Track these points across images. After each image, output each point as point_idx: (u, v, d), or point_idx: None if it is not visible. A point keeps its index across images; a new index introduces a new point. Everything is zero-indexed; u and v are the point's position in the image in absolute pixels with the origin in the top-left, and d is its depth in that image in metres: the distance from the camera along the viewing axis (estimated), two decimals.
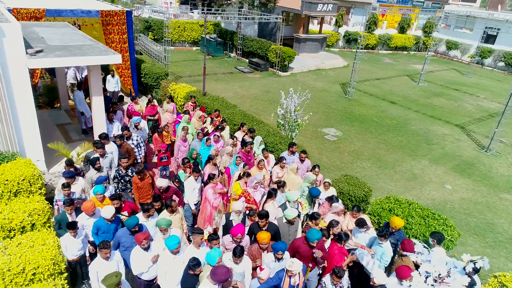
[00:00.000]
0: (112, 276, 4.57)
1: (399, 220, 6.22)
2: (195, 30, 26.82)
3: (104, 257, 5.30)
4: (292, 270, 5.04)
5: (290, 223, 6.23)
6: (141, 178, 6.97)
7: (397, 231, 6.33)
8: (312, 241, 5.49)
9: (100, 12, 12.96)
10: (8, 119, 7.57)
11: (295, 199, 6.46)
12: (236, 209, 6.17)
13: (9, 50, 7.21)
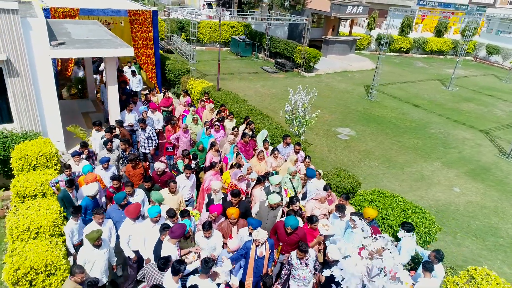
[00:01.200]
0: (94, 232, 5.25)
1: (372, 211, 6.42)
2: (226, 31, 27.71)
3: (97, 222, 5.96)
4: (258, 239, 5.47)
5: (271, 208, 6.57)
6: (133, 167, 7.53)
7: (371, 221, 6.51)
8: (287, 226, 5.86)
9: (128, 11, 14.03)
10: (33, 102, 8.60)
11: (276, 182, 6.85)
12: (213, 187, 6.70)
13: (35, 41, 8.23)
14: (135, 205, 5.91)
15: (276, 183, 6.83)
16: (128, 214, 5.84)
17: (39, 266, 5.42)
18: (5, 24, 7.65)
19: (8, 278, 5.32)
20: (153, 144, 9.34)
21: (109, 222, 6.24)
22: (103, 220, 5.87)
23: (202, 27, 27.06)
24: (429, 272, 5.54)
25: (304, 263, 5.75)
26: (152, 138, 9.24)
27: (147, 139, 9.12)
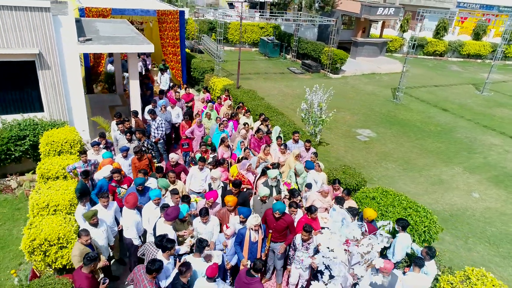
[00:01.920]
0: (89, 211, 5.76)
1: (371, 211, 6.47)
2: (255, 32, 28.14)
3: (103, 204, 6.44)
4: (257, 224, 5.75)
5: (262, 201, 6.74)
6: (139, 159, 7.90)
7: (370, 222, 6.53)
8: (274, 210, 6.10)
9: (156, 11, 14.73)
10: (61, 93, 9.34)
11: (273, 176, 7.08)
12: (212, 175, 7.04)
13: (64, 37, 8.96)
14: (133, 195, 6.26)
15: (273, 176, 7.05)
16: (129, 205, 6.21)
17: (52, 239, 5.98)
18: (38, 20, 8.41)
19: (25, 247, 5.91)
20: (161, 132, 9.65)
21: (114, 205, 6.67)
22: (108, 203, 6.33)
23: (232, 28, 27.65)
24: (418, 267, 5.57)
25: (306, 247, 5.95)
26: (162, 127, 9.59)
27: (156, 129, 9.56)
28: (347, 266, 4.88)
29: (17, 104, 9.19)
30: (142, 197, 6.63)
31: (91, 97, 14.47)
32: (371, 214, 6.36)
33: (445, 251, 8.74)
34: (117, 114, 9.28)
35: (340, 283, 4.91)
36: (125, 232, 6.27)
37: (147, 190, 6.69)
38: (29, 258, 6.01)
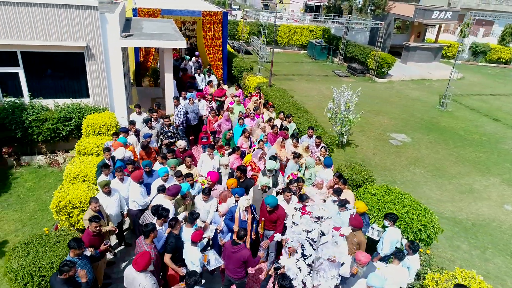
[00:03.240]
0: (103, 181, 6.61)
1: (361, 204, 6.60)
2: (304, 35, 28.41)
3: (118, 178, 7.27)
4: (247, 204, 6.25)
5: (263, 191, 7.11)
6: (146, 152, 8.57)
7: (361, 215, 6.65)
8: (266, 203, 6.49)
9: (202, 12, 15.76)
10: (105, 82, 10.54)
11: (270, 168, 7.46)
12: (222, 162, 7.58)
13: (109, 32, 10.13)
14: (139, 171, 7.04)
15: (270, 168, 7.42)
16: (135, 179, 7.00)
17: (75, 202, 6.95)
18: (87, 17, 9.64)
19: (53, 207, 6.95)
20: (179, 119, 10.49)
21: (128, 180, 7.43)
22: (122, 177, 7.16)
23: (282, 30, 28.18)
24: (398, 260, 5.65)
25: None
26: (180, 114, 10.49)
27: (177, 115, 10.48)
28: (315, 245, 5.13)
29: (68, 90, 10.55)
30: (150, 177, 7.38)
31: (138, 89, 15.88)
32: (360, 206, 6.50)
33: (457, 258, 8.49)
34: (136, 106, 10.21)
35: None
36: (130, 204, 7.05)
37: (154, 172, 7.45)
38: (56, 216, 7.04)
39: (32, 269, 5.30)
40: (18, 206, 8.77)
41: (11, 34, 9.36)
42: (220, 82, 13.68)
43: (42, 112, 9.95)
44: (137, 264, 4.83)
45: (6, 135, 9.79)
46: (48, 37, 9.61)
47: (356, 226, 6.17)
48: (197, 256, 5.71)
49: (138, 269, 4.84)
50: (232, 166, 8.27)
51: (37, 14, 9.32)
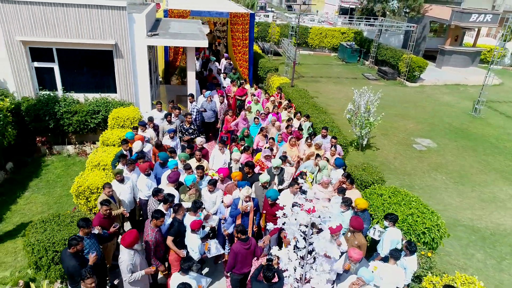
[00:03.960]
0: (116, 169, 7.06)
1: (361, 200, 6.60)
2: (335, 37, 28.21)
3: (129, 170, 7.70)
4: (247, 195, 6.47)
5: (263, 187, 7.25)
6: (159, 150, 8.74)
7: (362, 212, 6.67)
8: (267, 197, 6.66)
9: (229, 13, 16.16)
10: (131, 79, 11.14)
11: (275, 165, 7.63)
12: (234, 157, 7.84)
13: (136, 31, 10.71)
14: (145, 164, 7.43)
15: (275, 165, 7.60)
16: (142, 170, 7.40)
17: (93, 187, 7.47)
18: (116, 17, 10.27)
19: (73, 191, 7.51)
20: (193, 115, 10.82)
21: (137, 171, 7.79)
22: (134, 168, 7.57)
23: (313, 32, 28.16)
24: (393, 259, 5.63)
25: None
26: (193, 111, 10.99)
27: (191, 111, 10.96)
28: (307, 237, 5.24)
29: (97, 85, 11.25)
30: (165, 169, 7.76)
31: (167, 87, 16.54)
32: (360, 203, 6.52)
33: (469, 266, 8.24)
34: (158, 102, 10.66)
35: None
36: (140, 194, 7.46)
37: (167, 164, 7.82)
38: (76, 200, 7.60)
39: (46, 244, 5.80)
40: (46, 190, 9.49)
41: (48, 32, 10.15)
42: (242, 82, 13.98)
43: (73, 105, 10.69)
44: (124, 240, 5.18)
45: (41, 125, 10.60)
46: (81, 35, 10.33)
47: (356, 228, 6.18)
48: (196, 243, 6.00)
49: (123, 245, 5.19)
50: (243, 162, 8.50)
51: (71, 14, 10.05)
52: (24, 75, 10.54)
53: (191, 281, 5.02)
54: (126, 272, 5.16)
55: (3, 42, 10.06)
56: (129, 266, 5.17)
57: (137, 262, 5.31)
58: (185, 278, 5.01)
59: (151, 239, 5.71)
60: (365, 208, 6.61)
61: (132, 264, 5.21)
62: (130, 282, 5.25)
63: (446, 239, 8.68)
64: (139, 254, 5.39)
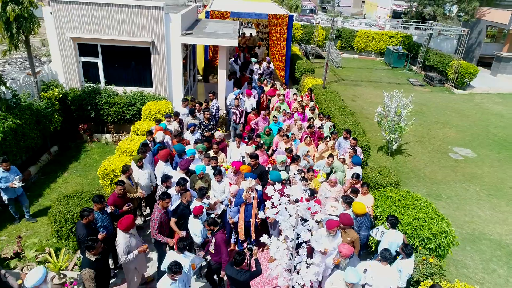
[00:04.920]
0: (136, 156, 7.63)
1: (358, 205, 6.52)
2: (382, 41, 27.45)
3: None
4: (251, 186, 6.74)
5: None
6: (178, 141, 9.17)
7: (361, 217, 6.57)
8: (270, 179, 6.87)
9: (268, 15, 16.50)
10: (166, 75, 11.87)
11: (279, 160, 7.78)
12: (245, 150, 8.13)
13: (172, 30, 11.40)
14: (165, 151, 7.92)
15: (279, 161, 7.76)
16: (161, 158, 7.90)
17: (117, 171, 8.14)
18: (154, 16, 11.02)
19: (99, 173, 8.24)
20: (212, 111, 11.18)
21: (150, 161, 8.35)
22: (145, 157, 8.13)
23: (359, 36, 27.66)
24: (384, 260, 5.58)
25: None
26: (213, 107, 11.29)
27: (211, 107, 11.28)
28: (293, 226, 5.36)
29: (135, 80, 12.12)
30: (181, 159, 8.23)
31: (205, 85, 17.22)
32: (356, 207, 6.44)
33: (487, 281, 7.80)
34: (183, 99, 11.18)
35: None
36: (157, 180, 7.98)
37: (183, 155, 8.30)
38: (102, 181, 8.33)
39: (66, 216, 6.50)
40: (82, 172, 10.43)
41: (94, 30, 11.15)
42: (273, 83, 14.23)
43: (112, 97, 11.62)
44: (121, 224, 5.67)
45: (83, 114, 11.65)
46: (122, 33, 11.21)
47: (345, 224, 6.19)
48: (198, 228, 6.36)
49: (120, 228, 5.67)
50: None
51: (115, 13, 10.96)
52: (72, 68, 11.65)
53: (185, 260, 5.39)
54: (122, 253, 5.65)
55: (56, 38, 11.23)
56: (124, 248, 5.65)
57: (133, 244, 5.78)
58: (179, 257, 5.38)
59: (156, 218, 6.18)
60: (362, 213, 6.50)
61: (128, 246, 5.69)
62: (126, 263, 5.73)
63: (468, 251, 8.38)
64: (135, 238, 5.87)
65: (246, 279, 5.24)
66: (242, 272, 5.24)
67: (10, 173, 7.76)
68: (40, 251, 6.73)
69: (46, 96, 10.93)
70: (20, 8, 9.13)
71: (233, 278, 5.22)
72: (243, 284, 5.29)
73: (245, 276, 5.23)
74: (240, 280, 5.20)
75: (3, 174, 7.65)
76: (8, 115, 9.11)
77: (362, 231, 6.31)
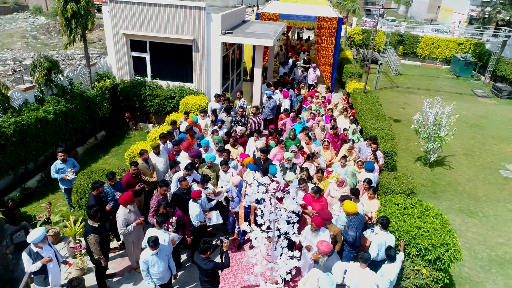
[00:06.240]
0: (154, 143, 8.24)
1: (349, 204, 6.32)
2: (449, 48, 25.67)
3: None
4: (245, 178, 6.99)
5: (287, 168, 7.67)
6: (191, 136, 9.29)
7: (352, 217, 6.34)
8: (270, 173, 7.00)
9: (317, 17, 16.49)
10: (205, 71, 12.54)
11: (287, 157, 7.80)
12: (256, 145, 8.34)
13: (212, 29, 12.02)
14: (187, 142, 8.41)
15: (286, 158, 7.84)
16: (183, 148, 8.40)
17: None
18: (196, 16, 11.73)
19: (126, 155, 9.07)
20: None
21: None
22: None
23: (423, 42, 26.19)
24: (363, 262, 5.43)
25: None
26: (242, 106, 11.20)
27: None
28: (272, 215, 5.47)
29: (178, 75, 12.97)
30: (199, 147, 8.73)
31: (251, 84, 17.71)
32: (347, 206, 6.28)
33: None
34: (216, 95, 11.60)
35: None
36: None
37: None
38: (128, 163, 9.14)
39: (86, 188, 7.31)
40: (121, 156, 11.44)
41: (143, 27, 12.20)
42: (314, 85, 14.20)
43: (155, 90, 12.58)
44: (120, 199, 6.23)
45: (130, 104, 12.77)
46: (168, 31, 12.10)
47: (325, 219, 6.11)
48: (195, 211, 6.74)
49: (120, 202, 6.25)
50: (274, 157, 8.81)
51: (162, 12, 11.88)
52: (124, 62, 12.85)
53: (164, 235, 5.80)
54: (121, 225, 6.22)
55: (111, 34, 12.49)
56: (123, 221, 6.22)
57: (131, 219, 6.33)
58: (159, 232, 5.80)
59: (154, 202, 6.67)
60: (352, 212, 6.31)
61: (126, 220, 6.25)
62: (125, 234, 6.30)
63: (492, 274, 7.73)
64: (134, 213, 6.41)
65: (210, 268, 5.33)
66: (206, 260, 5.35)
67: (67, 165, 7.94)
68: (64, 217, 7.64)
69: (98, 85, 12.21)
70: (78, 6, 10.38)
71: (199, 266, 5.40)
72: (208, 273, 5.40)
73: (209, 265, 5.33)
74: (204, 268, 5.34)
75: (60, 165, 7.85)
76: (60, 100, 10.39)
77: (350, 231, 6.17)
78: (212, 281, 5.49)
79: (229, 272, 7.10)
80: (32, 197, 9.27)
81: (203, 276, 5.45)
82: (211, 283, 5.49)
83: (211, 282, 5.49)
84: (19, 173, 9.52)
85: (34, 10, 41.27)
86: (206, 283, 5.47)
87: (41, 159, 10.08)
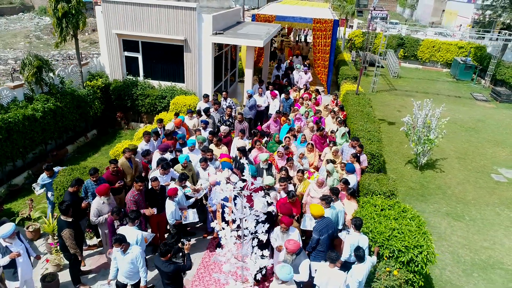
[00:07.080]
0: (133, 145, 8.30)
1: (315, 207, 6.24)
2: (450, 51, 25.50)
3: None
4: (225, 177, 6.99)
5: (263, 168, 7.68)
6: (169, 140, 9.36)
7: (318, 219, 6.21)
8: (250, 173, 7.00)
9: (313, 19, 16.48)
10: (196, 71, 12.59)
11: (263, 159, 7.78)
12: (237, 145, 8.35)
13: (203, 29, 12.08)
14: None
15: (263, 159, 7.78)
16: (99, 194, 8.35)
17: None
18: (187, 16, 11.80)
19: (111, 153, 9.13)
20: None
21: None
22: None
23: (424, 45, 26.05)
24: (330, 261, 5.40)
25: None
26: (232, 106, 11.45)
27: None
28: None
29: (169, 75, 13.04)
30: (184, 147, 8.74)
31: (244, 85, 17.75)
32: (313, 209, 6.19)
33: None
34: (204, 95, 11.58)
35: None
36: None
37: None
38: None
39: (66, 185, 7.36)
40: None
41: (135, 27, 12.29)
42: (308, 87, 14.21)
43: (147, 89, 12.66)
44: (97, 189, 6.25)
45: (121, 103, 12.86)
46: (159, 31, 12.18)
47: (284, 213, 6.09)
48: (170, 209, 6.76)
49: (96, 192, 6.27)
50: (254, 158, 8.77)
51: (153, 13, 11.96)
52: (117, 62, 12.96)
53: (137, 232, 5.82)
54: (93, 215, 6.27)
55: (104, 34, 12.60)
56: (95, 211, 6.27)
57: (104, 211, 6.37)
58: (131, 229, 5.82)
59: (130, 199, 6.69)
60: (318, 215, 6.24)
61: (99, 210, 6.30)
62: (97, 224, 6.33)
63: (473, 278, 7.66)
64: (108, 206, 6.44)
65: (171, 271, 5.30)
66: (167, 263, 5.32)
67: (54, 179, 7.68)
68: (43, 214, 7.70)
69: (90, 85, 12.31)
70: (68, 6, 10.50)
71: (160, 269, 5.38)
72: (169, 275, 5.37)
73: (170, 268, 5.29)
74: (164, 271, 5.32)
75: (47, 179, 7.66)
76: (50, 98, 10.49)
77: (313, 233, 6.13)
78: (174, 283, 5.48)
79: (204, 271, 7.11)
80: (18, 194, 9.37)
81: (165, 279, 5.44)
82: (173, 286, 5.48)
83: (173, 285, 5.48)
84: (7, 170, 9.63)
85: (40, 10, 41.85)
86: (168, 286, 5.47)
87: (29, 156, 10.19)
